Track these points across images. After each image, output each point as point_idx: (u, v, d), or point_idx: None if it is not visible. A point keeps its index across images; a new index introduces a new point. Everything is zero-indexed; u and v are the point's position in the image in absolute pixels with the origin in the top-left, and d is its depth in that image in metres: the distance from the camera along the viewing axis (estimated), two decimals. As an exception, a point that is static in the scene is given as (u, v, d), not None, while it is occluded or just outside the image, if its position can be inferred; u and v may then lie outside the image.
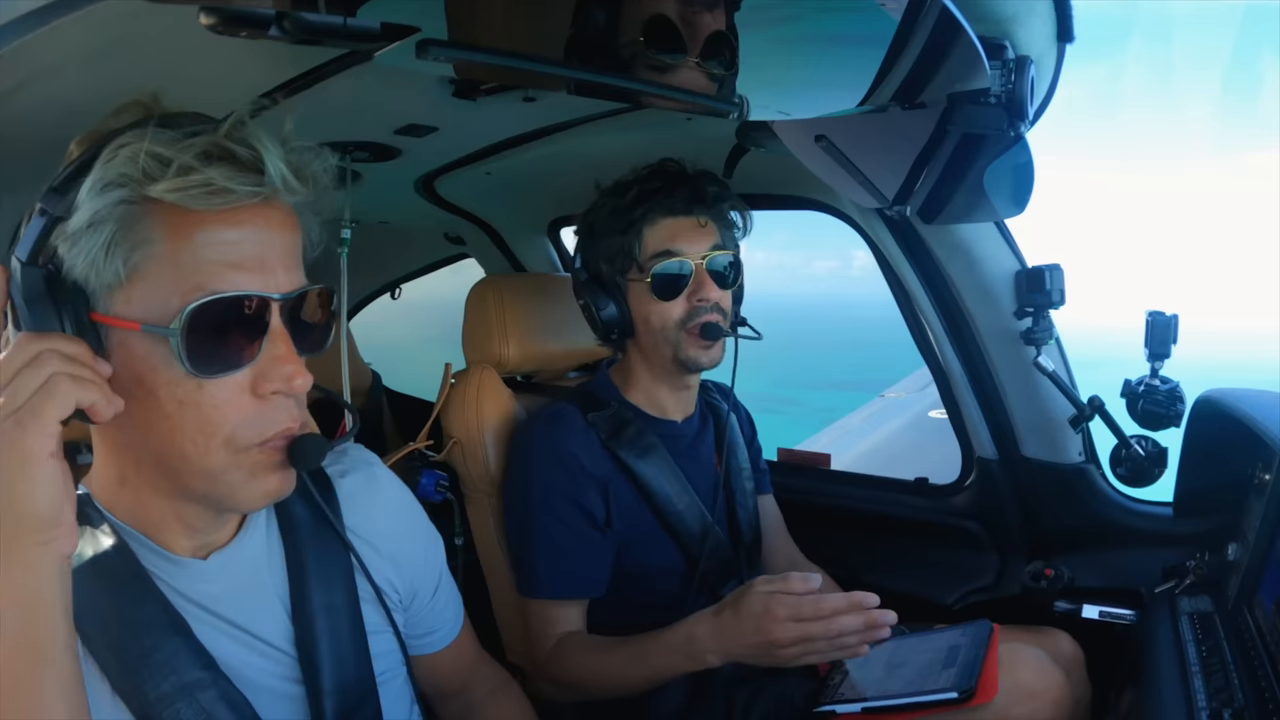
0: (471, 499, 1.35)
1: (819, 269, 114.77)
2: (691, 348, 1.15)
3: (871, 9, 0.70)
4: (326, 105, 0.99)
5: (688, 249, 1.14)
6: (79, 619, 0.61)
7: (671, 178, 1.16)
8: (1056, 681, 1.03)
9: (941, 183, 1.01)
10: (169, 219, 0.57)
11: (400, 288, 2.56)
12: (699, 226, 1.15)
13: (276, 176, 0.58)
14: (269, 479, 0.63)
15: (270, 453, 0.62)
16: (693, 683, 1.16)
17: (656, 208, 1.14)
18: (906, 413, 3.91)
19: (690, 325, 1.14)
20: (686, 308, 1.15)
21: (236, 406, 0.60)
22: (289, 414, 0.63)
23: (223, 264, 0.58)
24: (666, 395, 1.24)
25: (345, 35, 0.55)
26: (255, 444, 0.61)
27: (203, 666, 0.64)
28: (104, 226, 0.56)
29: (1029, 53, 0.85)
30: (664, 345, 1.17)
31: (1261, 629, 0.90)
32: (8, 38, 0.61)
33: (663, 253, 1.14)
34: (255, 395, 0.61)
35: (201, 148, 0.56)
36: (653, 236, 1.15)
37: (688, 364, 1.17)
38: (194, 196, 0.56)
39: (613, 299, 1.18)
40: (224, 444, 0.60)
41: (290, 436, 0.63)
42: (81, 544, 0.64)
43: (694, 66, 0.72)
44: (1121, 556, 1.35)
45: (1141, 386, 1.23)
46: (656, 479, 1.17)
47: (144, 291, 0.58)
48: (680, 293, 1.14)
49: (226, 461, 0.61)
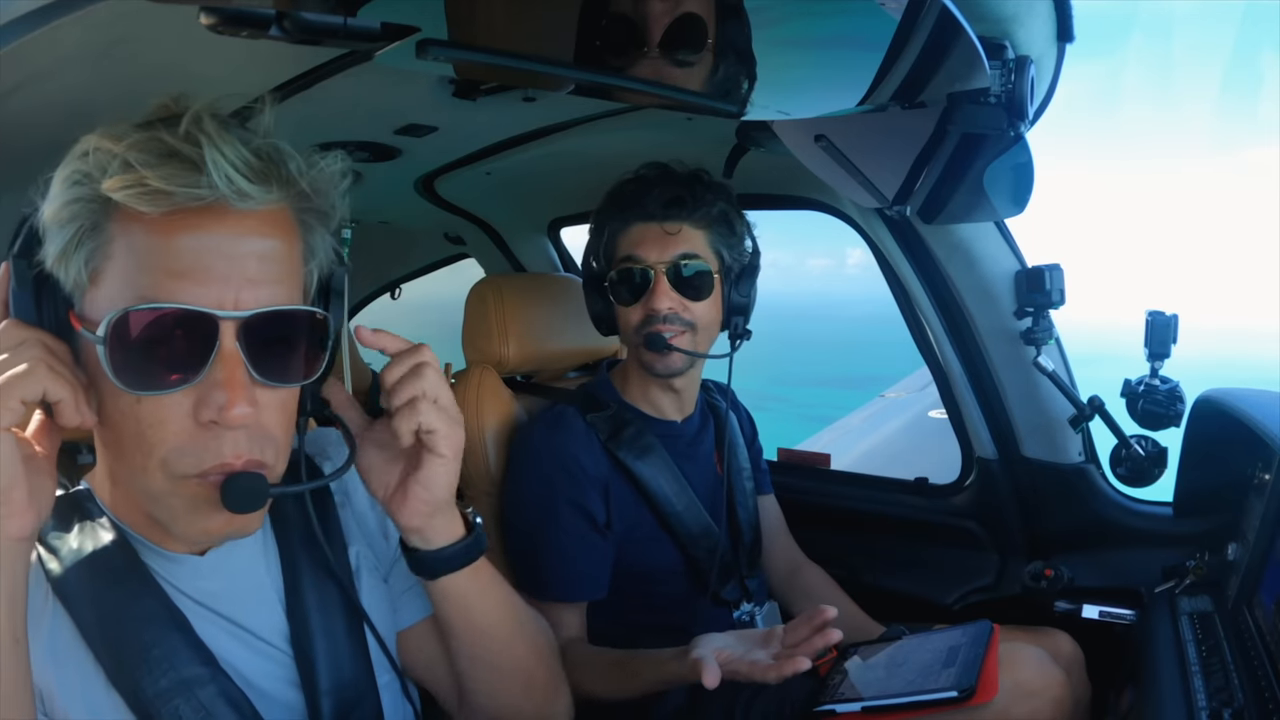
0: (471, 499, 1.35)
1: (813, 267, 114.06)
2: (644, 354, 1.16)
3: (871, 9, 0.70)
4: (326, 105, 0.99)
5: (649, 255, 1.14)
6: (77, 612, 0.61)
7: (646, 183, 1.15)
8: (1056, 680, 1.03)
9: (941, 182, 1.01)
10: (124, 220, 0.54)
11: (400, 288, 2.56)
12: (666, 234, 1.14)
13: (220, 180, 0.52)
14: (211, 517, 0.58)
15: (209, 488, 0.57)
16: (693, 684, 1.16)
17: (627, 212, 1.15)
18: (906, 413, 3.92)
19: (644, 332, 1.15)
20: (643, 314, 1.15)
21: (175, 431, 0.55)
22: (233, 447, 0.57)
23: (165, 272, 0.53)
24: (658, 395, 1.25)
25: (345, 35, 0.55)
26: (192, 474, 0.57)
27: (202, 663, 0.64)
28: (69, 225, 0.55)
29: (1029, 53, 0.85)
30: (630, 348, 1.20)
31: (1261, 629, 0.90)
32: (8, 38, 0.61)
33: (625, 258, 1.15)
34: (195, 420, 0.55)
35: (144, 145, 0.53)
36: (622, 241, 1.16)
37: (646, 369, 1.18)
38: (134, 196, 0.52)
39: (601, 297, 1.20)
40: (159, 467, 0.56)
41: (229, 472, 0.57)
42: (80, 538, 0.64)
43: (656, 58, 0.69)
44: (1121, 556, 1.35)
45: (1141, 386, 1.23)
46: (655, 479, 1.17)
47: (101, 295, 0.56)
48: (639, 299, 1.15)
49: (165, 487, 0.57)
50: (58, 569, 0.63)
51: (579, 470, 1.14)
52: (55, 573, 0.63)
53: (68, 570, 0.63)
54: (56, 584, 0.63)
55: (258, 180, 0.54)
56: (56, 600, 0.63)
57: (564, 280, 1.57)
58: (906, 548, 1.55)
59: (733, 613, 1.23)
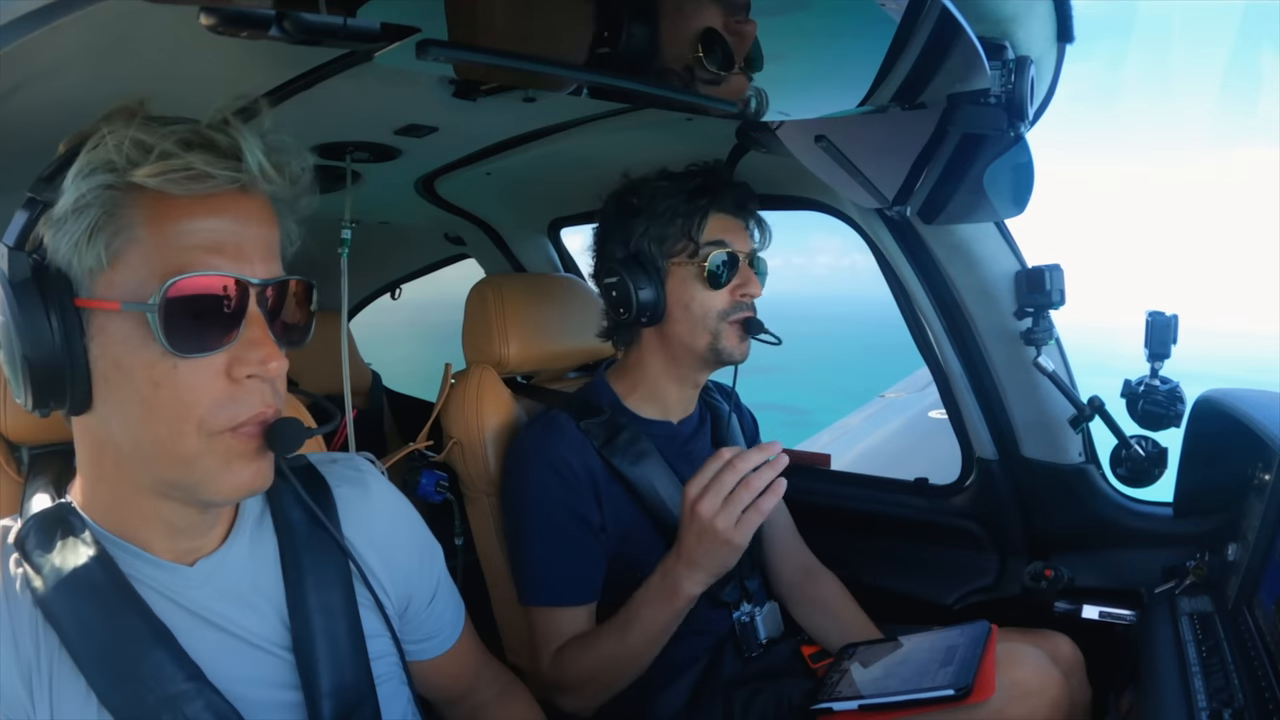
0: (471, 499, 1.35)
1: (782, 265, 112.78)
2: (730, 339, 1.17)
3: (871, 9, 0.70)
4: (326, 105, 0.99)
5: (738, 244, 1.17)
6: (65, 633, 0.61)
7: (715, 177, 1.19)
8: (1054, 680, 1.03)
9: (941, 183, 1.01)
10: (150, 204, 0.58)
11: (400, 288, 2.56)
12: (744, 228, 1.19)
13: (254, 165, 0.59)
14: (243, 470, 0.63)
15: (244, 439, 0.62)
16: (692, 686, 1.17)
17: (717, 200, 1.17)
18: (906, 413, 3.92)
19: (732, 317, 1.17)
20: (730, 300, 1.17)
21: (210, 389, 0.60)
22: (263, 399, 0.63)
23: (201, 248, 0.59)
24: (673, 392, 1.24)
25: (345, 35, 0.55)
26: (228, 428, 0.61)
27: (188, 678, 0.64)
28: (88, 212, 0.58)
29: (1029, 53, 0.86)
30: (701, 333, 1.17)
31: (1261, 629, 0.90)
32: (8, 38, 0.61)
33: (717, 241, 1.16)
34: (230, 379, 0.61)
35: (182, 135, 0.58)
36: (712, 225, 1.17)
37: (721, 355, 1.18)
38: (174, 181, 0.57)
39: (651, 281, 1.18)
40: (197, 427, 0.60)
41: (265, 422, 0.63)
42: (62, 555, 0.64)
43: (739, 74, 0.73)
44: (1121, 557, 1.35)
45: (1141, 387, 1.23)
46: (650, 484, 1.17)
47: (124, 275, 0.59)
48: (727, 284, 1.17)
49: (200, 447, 0.61)
50: (42, 588, 0.63)
51: (571, 473, 1.14)
52: (40, 592, 0.63)
53: (50, 590, 0.63)
54: (43, 604, 0.63)
55: (277, 170, 0.61)
56: (45, 622, 0.62)
57: (564, 280, 1.57)
58: (906, 548, 1.55)
59: (732, 613, 1.23)
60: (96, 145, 0.58)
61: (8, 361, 0.60)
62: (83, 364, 0.59)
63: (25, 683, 0.61)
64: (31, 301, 0.57)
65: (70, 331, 0.58)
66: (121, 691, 0.62)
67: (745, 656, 1.22)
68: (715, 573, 1.00)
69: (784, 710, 1.13)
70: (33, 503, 0.70)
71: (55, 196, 0.58)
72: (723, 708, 1.15)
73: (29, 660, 0.61)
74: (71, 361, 0.58)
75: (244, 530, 0.72)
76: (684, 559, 0.99)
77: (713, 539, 0.95)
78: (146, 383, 0.59)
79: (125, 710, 0.61)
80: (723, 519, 0.94)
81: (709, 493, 0.94)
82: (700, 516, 0.94)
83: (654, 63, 0.70)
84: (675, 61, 0.71)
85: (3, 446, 0.81)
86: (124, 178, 0.57)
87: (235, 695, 0.66)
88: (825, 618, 1.31)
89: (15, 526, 0.67)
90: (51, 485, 0.73)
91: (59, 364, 0.58)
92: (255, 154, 0.59)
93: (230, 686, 0.66)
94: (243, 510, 0.72)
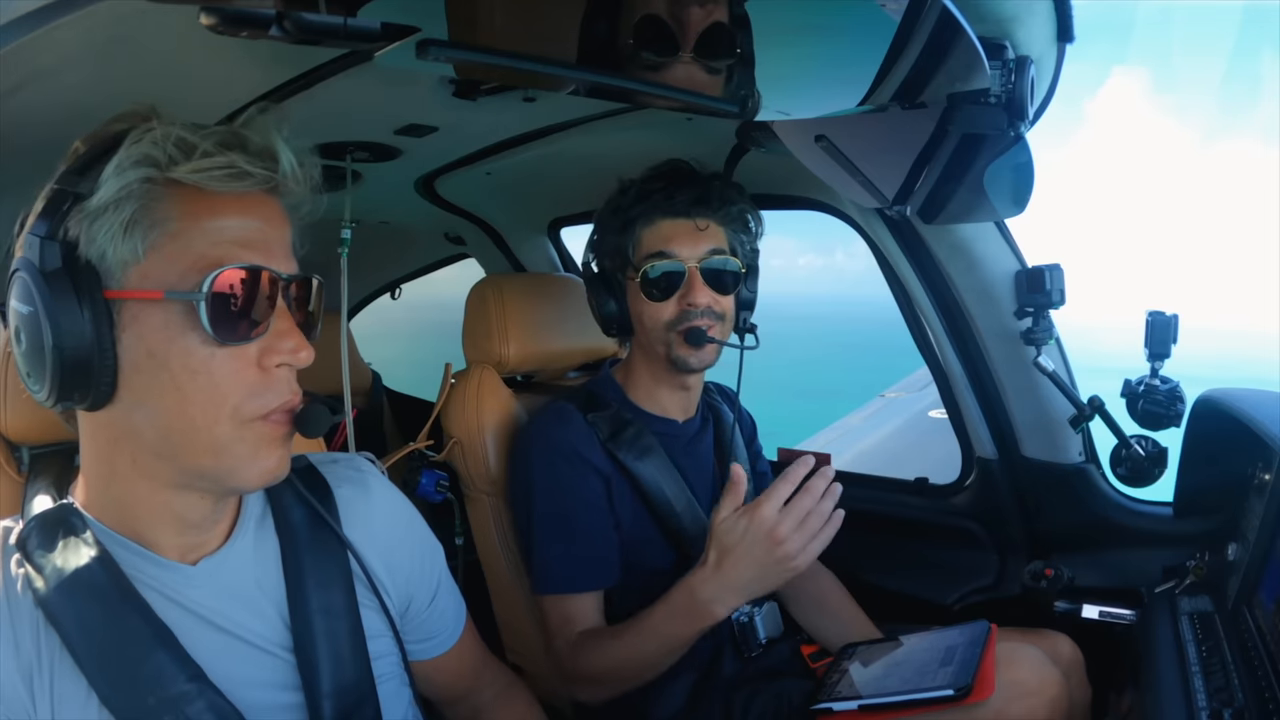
0: (472, 499, 1.35)
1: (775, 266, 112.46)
2: (680, 349, 1.16)
3: (871, 9, 0.70)
4: (326, 105, 0.99)
5: (682, 251, 1.14)
6: (66, 634, 0.61)
7: (674, 179, 1.16)
8: (1054, 680, 1.03)
9: (941, 183, 1.01)
10: (187, 200, 0.60)
11: (400, 288, 2.56)
12: (697, 230, 1.15)
13: (288, 165, 0.63)
14: (269, 456, 0.65)
15: (273, 426, 0.64)
16: (692, 686, 1.17)
17: (655, 208, 1.15)
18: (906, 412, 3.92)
19: (680, 327, 1.15)
20: (677, 310, 1.15)
21: (243, 378, 0.62)
22: (290, 387, 0.65)
23: (235, 243, 0.62)
24: (666, 394, 1.24)
25: (345, 35, 0.55)
26: (259, 416, 0.63)
27: (189, 678, 0.64)
28: (126, 205, 0.59)
29: (1029, 53, 0.86)
30: (657, 344, 1.18)
31: (1261, 629, 0.90)
32: (8, 38, 0.61)
33: (656, 254, 1.14)
34: (260, 368, 0.63)
35: (221, 137, 0.61)
36: (649, 237, 1.15)
37: (678, 364, 1.17)
38: (215, 178, 0.60)
39: (613, 296, 1.19)
40: (230, 414, 0.62)
41: (292, 409, 0.65)
42: (63, 556, 0.64)
43: (689, 62, 0.71)
44: (1121, 556, 1.35)
45: (1141, 386, 1.23)
46: (654, 481, 1.17)
47: (160, 268, 0.60)
48: (672, 294, 1.15)
49: (232, 434, 0.62)
50: (44, 589, 0.63)
51: (579, 459, 1.14)
52: (42, 592, 0.63)
53: (52, 590, 0.63)
54: (44, 605, 0.63)
55: (302, 171, 0.64)
56: (47, 623, 0.62)
57: (564, 280, 1.57)
58: (907, 548, 1.55)
59: (732, 614, 1.23)
60: (138, 140, 0.59)
61: (32, 353, 0.59)
62: (111, 355, 0.59)
63: (26, 683, 0.61)
64: (64, 291, 0.58)
65: (100, 322, 0.59)
66: (123, 692, 0.62)
67: (745, 656, 1.22)
68: (754, 595, 0.99)
69: (783, 710, 1.13)
70: (34, 503, 0.70)
71: (89, 189, 0.59)
72: (722, 707, 1.15)
73: (30, 661, 0.61)
74: (101, 352, 0.59)
75: (247, 529, 0.72)
76: (724, 581, 0.97)
77: (778, 562, 0.94)
78: (183, 370, 0.60)
79: (126, 711, 0.61)
80: (795, 542, 0.93)
81: (789, 516, 0.93)
82: (776, 538, 0.93)
83: (609, 55, 0.69)
84: (621, 51, 0.69)
85: (3, 447, 0.81)
86: (165, 173, 0.59)
87: (236, 696, 0.65)
88: (825, 617, 1.31)
89: (17, 527, 0.67)
90: (53, 486, 0.73)
91: (89, 354, 0.58)
92: (289, 156, 0.63)
93: (231, 687, 0.66)
94: (245, 509, 0.73)
